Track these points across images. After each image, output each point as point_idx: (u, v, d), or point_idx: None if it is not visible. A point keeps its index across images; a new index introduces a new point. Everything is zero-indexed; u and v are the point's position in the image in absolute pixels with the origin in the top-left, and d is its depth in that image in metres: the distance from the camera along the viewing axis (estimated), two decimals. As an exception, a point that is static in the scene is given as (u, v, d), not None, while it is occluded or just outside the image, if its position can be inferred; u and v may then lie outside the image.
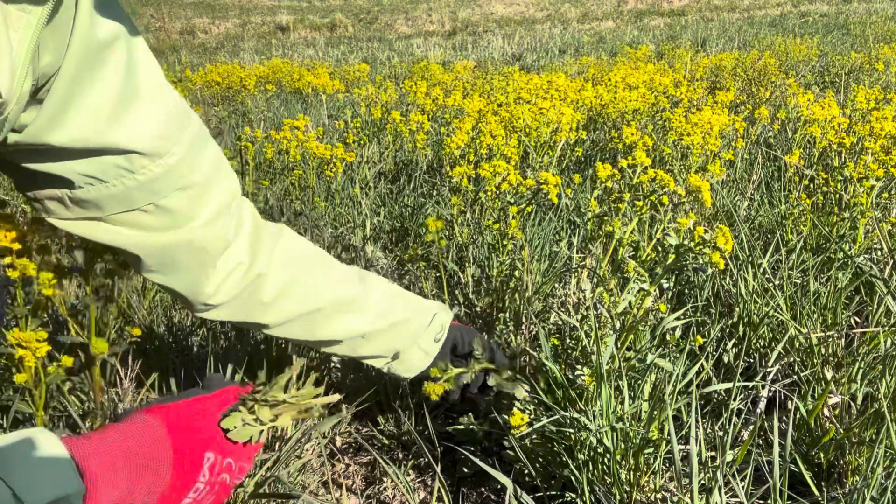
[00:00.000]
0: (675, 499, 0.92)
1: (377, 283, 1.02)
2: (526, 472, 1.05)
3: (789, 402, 1.12)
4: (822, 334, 1.23)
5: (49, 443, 0.48)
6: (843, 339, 1.25)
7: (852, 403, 1.09)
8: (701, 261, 0.98)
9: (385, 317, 1.00)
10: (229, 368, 1.18)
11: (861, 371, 1.11)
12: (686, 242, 0.99)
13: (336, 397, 0.79)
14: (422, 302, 1.08)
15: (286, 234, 0.91)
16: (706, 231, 0.96)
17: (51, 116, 0.60)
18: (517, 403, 1.09)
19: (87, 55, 0.60)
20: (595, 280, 1.15)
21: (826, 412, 1.09)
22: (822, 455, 1.03)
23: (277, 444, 1.04)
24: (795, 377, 1.22)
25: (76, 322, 0.93)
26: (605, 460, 0.95)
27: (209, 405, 0.64)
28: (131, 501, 0.55)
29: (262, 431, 0.66)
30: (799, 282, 1.48)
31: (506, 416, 1.04)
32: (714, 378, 1.21)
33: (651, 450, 0.95)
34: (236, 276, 0.80)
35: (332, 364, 1.42)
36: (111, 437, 0.55)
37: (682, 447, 1.02)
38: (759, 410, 1.19)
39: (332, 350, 1.00)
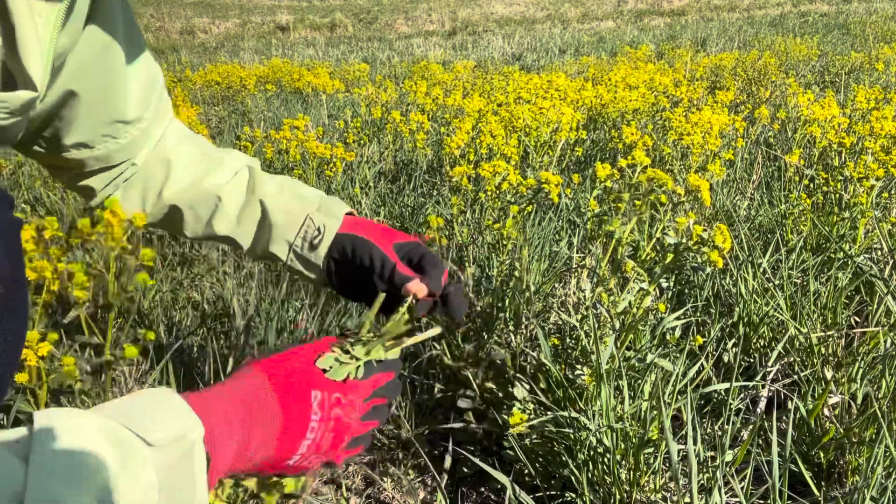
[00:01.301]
0: (675, 499, 0.92)
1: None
2: (526, 471, 1.05)
3: (789, 402, 1.12)
4: (822, 334, 1.23)
5: (168, 394, 0.50)
6: (843, 339, 1.25)
7: (852, 403, 1.09)
8: (700, 260, 0.98)
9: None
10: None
11: (861, 371, 1.11)
12: (685, 241, 0.99)
13: (437, 330, 0.75)
14: (296, 192, 0.86)
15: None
16: (705, 230, 0.96)
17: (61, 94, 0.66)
18: (517, 403, 1.09)
19: (95, 38, 0.65)
20: (595, 280, 1.15)
21: (826, 412, 1.09)
22: (822, 455, 1.03)
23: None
24: (795, 377, 1.22)
25: (93, 326, 0.93)
26: (605, 460, 0.95)
27: (305, 352, 0.64)
28: (250, 452, 0.55)
29: (358, 368, 0.65)
30: (799, 282, 1.48)
31: (506, 416, 1.04)
32: (714, 378, 1.21)
33: (651, 449, 0.95)
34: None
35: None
36: (218, 391, 0.55)
37: (682, 447, 1.02)
38: (758, 410, 1.19)
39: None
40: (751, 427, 1.08)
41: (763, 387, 1.21)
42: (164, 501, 0.44)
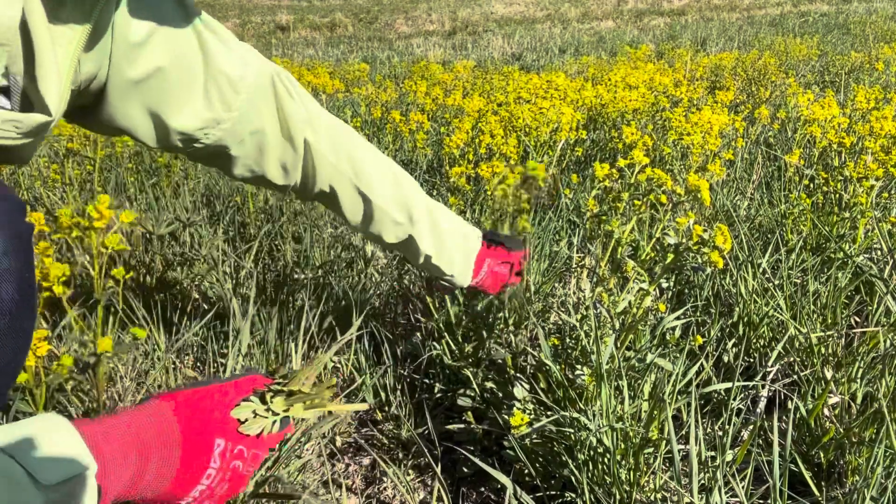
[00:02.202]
0: (675, 499, 0.92)
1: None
2: (526, 471, 1.05)
3: (789, 402, 1.12)
4: (822, 334, 1.23)
5: (61, 425, 0.49)
6: (843, 339, 1.25)
7: (852, 403, 1.09)
8: (700, 260, 0.98)
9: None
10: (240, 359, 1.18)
11: (861, 371, 1.11)
12: (685, 242, 0.99)
13: (364, 406, 0.77)
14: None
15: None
16: (705, 230, 0.96)
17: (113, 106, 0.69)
18: (517, 403, 1.09)
19: (126, 59, 0.66)
20: (595, 280, 1.15)
21: (826, 412, 1.09)
22: (822, 455, 1.03)
23: (278, 445, 1.04)
24: (795, 377, 1.22)
25: (81, 322, 0.93)
26: (605, 460, 0.95)
27: (224, 392, 0.64)
28: (142, 485, 0.55)
29: (274, 423, 0.65)
30: (799, 282, 1.48)
31: (506, 416, 1.04)
32: (714, 378, 1.21)
33: (651, 450, 0.95)
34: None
35: (334, 363, 1.42)
36: (121, 421, 0.55)
37: (682, 447, 1.02)
38: (759, 410, 1.19)
39: (375, 228, 0.99)
40: (751, 427, 1.08)
41: (763, 387, 1.21)
42: None
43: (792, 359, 1.27)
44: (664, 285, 1.38)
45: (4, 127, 0.55)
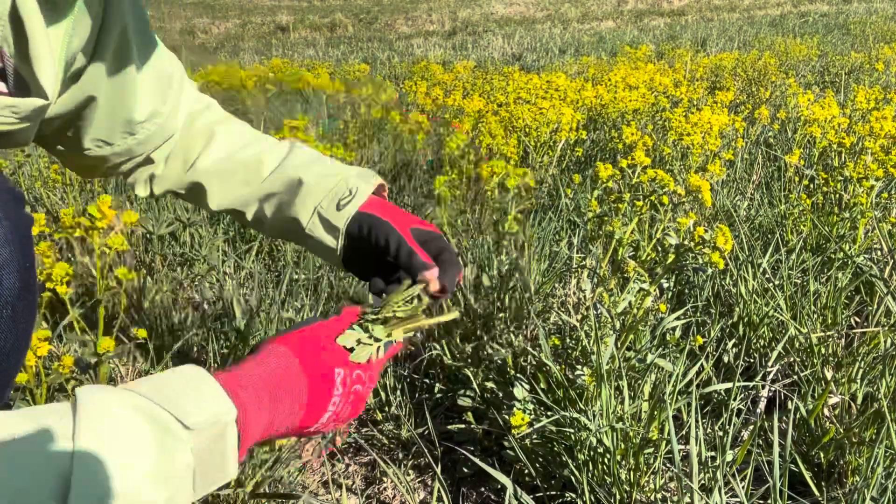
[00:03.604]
0: (675, 499, 0.92)
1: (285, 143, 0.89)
2: (526, 471, 1.05)
3: (789, 402, 1.12)
4: (822, 334, 1.23)
5: (203, 375, 0.53)
6: (843, 339, 1.25)
7: (852, 403, 1.09)
8: (701, 261, 0.98)
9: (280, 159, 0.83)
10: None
11: (861, 371, 1.11)
12: (686, 242, 0.99)
13: (455, 314, 0.78)
14: (335, 163, 0.85)
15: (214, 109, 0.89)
16: (706, 231, 0.96)
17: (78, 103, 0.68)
18: (517, 403, 1.09)
19: (109, 42, 0.66)
20: (595, 280, 1.15)
21: (826, 412, 1.09)
22: (822, 455, 1.03)
23: (278, 445, 1.04)
24: (795, 377, 1.22)
25: (82, 322, 0.93)
26: (605, 460, 0.95)
27: (330, 328, 0.68)
28: (277, 424, 0.59)
29: (379, 348, 0.69)
30: (799, 282, 1.48)
31: (506, 416, 1.04)
32: (714, 378, 1.21)
33: (651, 450, 0.95)
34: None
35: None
36: (250, 369, 0.59)
37: (682, 447, 1.02)
38: (759, 410, 1.19)
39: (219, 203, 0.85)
40: (751, 427, 1.08)
41: (763, 387, 1.21)
42: (198, 480, 0.48)
43: (792, 359, 1.27)
44: (664, 285, 1.38)
45: (3, 113, 0.55)
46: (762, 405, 1.20)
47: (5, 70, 0.55)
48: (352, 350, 0.68)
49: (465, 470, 1.12)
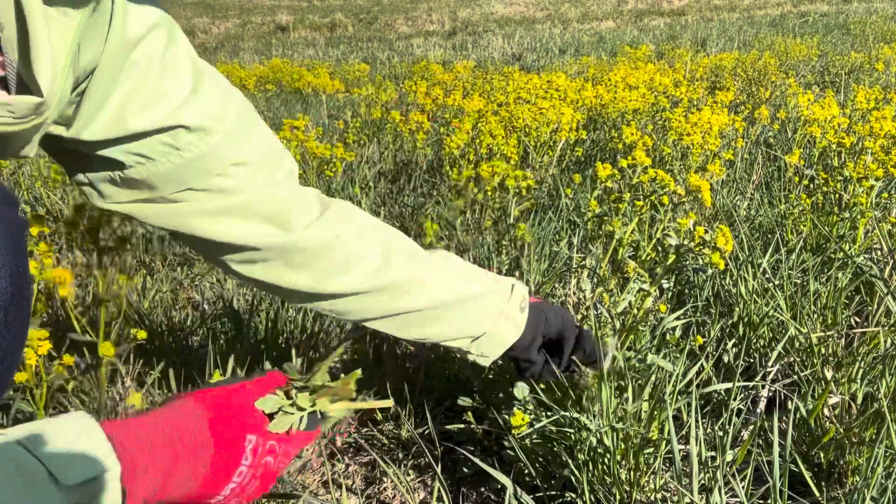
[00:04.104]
0: (675, 499, 0.92)
1: (446, 254, 0.95)
2: (526, 471, 1.05)
3: (789, 402, 1.12)
4: (822, 334, 1.23)
5: (88, 424, 0.49)
6: (843, 339, 1.25)
7: (852, 403, 1.09)
8: (701, 261, 0.98)
9: (465, 285, 0.90)
10: (230, 363, 1.18)
11: (861, 371, 1.11)
12: (686, 243, 0.99)
13: (389, 403, 0.74)
14: (492, 274, 0.97)
15: (355, 211, 0.87)
16: (706, 231, 0.96)
17: (88, 116, 0.63)
18: (517, 403, 1.09)
19: (119, 54, 0.62)
20: (595, 280, 1.15)
21: (826, 412, 1.09)
22: (822, 455, 1.03)
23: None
24: (795, 377, 1.22)
25: (83, 321, 0.93)
26: (605, 460, 0.95)
27: (249, 391, 0.63)
28: (173, 485, 0.54)
29: (301, 419, 0.64)
30: (799, 282, 1.48)
31: (506, 416, 1.04)
32: (714, 378, 1.21)
33: (651, 450, 0.95)
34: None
35: (334, 364, 1.42)
36: (149, 421, 0.55)
37: (682, 447, 1.02)
38: (759, 410, 1.19)
39: (408, 334, 0.90)
40: (751, 427, 1.08)
41: (763, 387, 1.21)
42: None
43: (792, 359, 1.27)
44: (665, 286, 1.38)
45: None
46: (762, 405, 1.20)
47: (6, 78, 0.54)
48: (271, 417, 0.62)
49: (465, 470, 1.12)
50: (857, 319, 1.48)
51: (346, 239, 0.80)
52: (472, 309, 0.91)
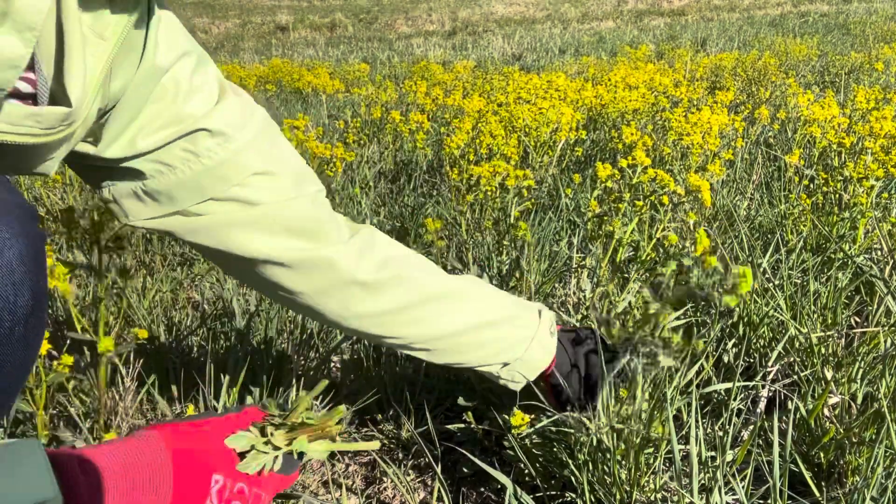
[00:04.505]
0: (675, 499, 0.92)
1: (473, 278, 0.95)
2: (526, 471, 1.05)
3: (789, 402, 1.12)
4: (822, 334, 1.23)
5: (32, 452, 0.47)
6: (843, 339, 1.25)
7: (852, 403, 1.09)
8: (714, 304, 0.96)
9: (499, 308, 0.91)
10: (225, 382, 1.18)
11: (861, 371, 1.11)
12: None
13: (375, 445, 0.69)
14: (519, 298, 0.99)
15: (378, 235, 0.87)
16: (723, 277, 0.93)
17: (114, 135, 0.64)
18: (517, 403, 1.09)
19: (149, 81, 0.63)
20: (595, 280, 1.15)
21: (826, 412, 1.09)
22: (822, 455, 1.03)
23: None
24: (795, 377, 1.22)
25: (83, 320, 0.93)
26: (606, 460, 0.95)
27: (221, 426, 0.60)
28: None
29: (276, 458, 0.59)
30: (799, 282, 1.48)
31: (506, 416, 1.04)
32: (714, 378, 1.21)
33: (651, 450, 0.95)
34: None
35: (332, 364, 1.42)
36: (104, 451, 0.53)
37: (682, 447, 1.02)
38: (759, 410, 1.19)
39: (441, 359, 0.91)
40: (751, 427, 1.08)
41: (763, 387, 1.21)
42: None
43: (792, 359, 1.27)
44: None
45: (26, 122, 0.53)
46: (762, 405, 1.20)
47: (36, 95, 0.54)
48: (243, 456, 0.58)
49: (465, 470, 1.12)
50: (857, 319, 1.48)
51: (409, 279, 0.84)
52: (508, 327, 0.91)
